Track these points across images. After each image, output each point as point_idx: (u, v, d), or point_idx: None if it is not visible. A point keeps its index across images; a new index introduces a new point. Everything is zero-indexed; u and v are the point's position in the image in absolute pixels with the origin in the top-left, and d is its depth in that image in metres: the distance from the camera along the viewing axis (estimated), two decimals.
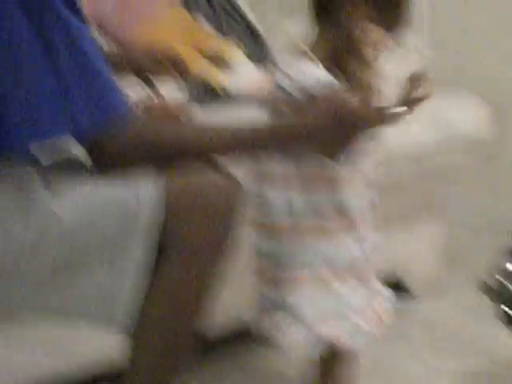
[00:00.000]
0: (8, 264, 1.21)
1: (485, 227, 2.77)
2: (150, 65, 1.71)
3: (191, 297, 1.32)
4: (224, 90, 2.63)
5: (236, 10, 2.82)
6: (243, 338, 1.91)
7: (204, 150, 1.32)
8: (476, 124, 2.24)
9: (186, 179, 1.29)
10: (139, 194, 1.25)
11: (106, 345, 1.65)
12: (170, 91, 2.26)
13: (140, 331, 1.31)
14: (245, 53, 2.61)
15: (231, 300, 1.59)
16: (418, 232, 2.32)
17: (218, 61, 2.45)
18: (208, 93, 2.47)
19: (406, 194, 2.13)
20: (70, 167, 1.31)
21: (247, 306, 1.63)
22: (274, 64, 1.94)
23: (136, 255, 1.25)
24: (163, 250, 1.27)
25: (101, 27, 2.41)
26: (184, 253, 1.29)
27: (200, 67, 2.46)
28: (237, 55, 2.67)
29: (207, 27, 2.61)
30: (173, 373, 1.37)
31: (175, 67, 1.74)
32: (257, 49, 2.79)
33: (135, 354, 1.34)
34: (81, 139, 1.22)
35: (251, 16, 2.85)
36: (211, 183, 1.31)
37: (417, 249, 2.34)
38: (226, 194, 1.32)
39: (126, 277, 1.26)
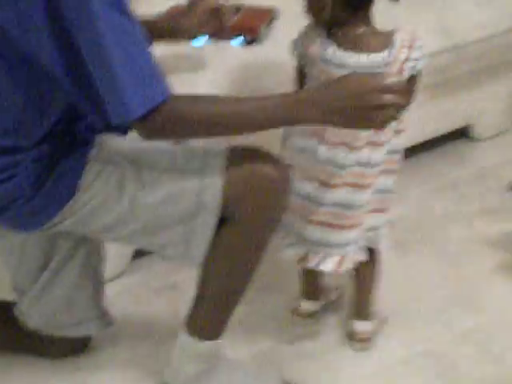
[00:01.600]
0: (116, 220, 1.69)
1: None
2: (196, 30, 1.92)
3: (244, 259, 1.74)
4: None
5: None
6: None
7: (240, 125, 1.59)
8: None
9: (243, 166, 1.65)
10: (203, 180, 1.63)
11: None
12: None
13: (205, 275, 1.77)
14: None
15: None
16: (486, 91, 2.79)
17: None
18: None
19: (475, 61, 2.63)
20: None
21: None
22: None
23: (200, 222, 1.66)
24: (226, 220, 1.67)
25: None
26: (239, 225, 1.67)
27: None
28: None
29: None
30: (228, 312, 1.81)
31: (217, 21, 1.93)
32: None
33: (200, 288, 1.79)
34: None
35: None
36: (264, 169, 1.64)
37: (484, 104, 2.83)
38: (277, 178, 1.65)
39: (194, 235, 1.68)
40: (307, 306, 2.12)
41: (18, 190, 1.63)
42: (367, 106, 1.50)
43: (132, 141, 1.73)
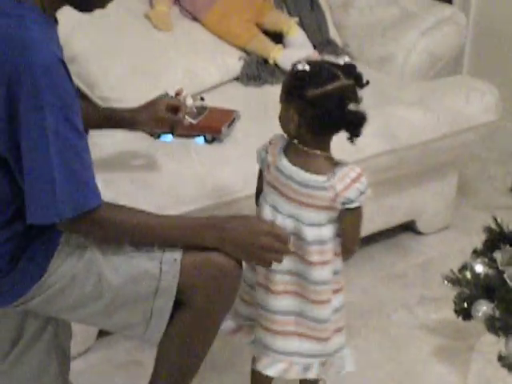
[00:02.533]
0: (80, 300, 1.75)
1: None
2: (154, 124, 2.05)
3: (196, 341, 1.81)
4: (275, 63, 2.82)
5: None
6: None
7: (155, 237, 1.74)
8: None
9: (196, 255, 1.73)
10: (162, 266, 1.71)
11: None
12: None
13: (162, 353, 1.83)
14: (301, 23, 2.90)
15: None
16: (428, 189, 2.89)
17: (276, 35, 2.82)
18: (261, 66, 2.75)
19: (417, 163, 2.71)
20: None
21: None
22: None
23: (159, 305, 1.73)
24: (180, 304, 1.74)
25: (177, 1, 2.84)
26: (193, 310, 1.75)
27: (256, 41, 2.77)
28: (294, 30, 2.85)
29: (271, 2, 2.89)
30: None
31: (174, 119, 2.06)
32: (313, 19, 3.03)
33: (157, 365, 1.86)
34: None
35: None
36: (218, 258, 1.72)
37: (426, 201, 2.92)
38: (230, 267, 1.73)
39: (153, 316, 1.74)
40: None
41: None
42: (255, 245, 1.71)
43: None
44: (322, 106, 1.71)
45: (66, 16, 1.75)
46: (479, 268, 2.05)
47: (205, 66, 2.72)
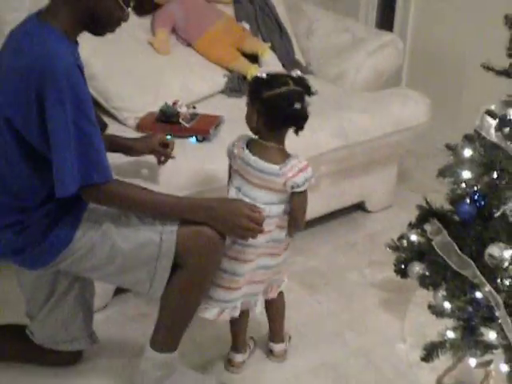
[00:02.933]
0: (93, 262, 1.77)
1: None
2: (147, 153, 2.07)
3: (191, 294, 1.81)
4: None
5: (271, 9, 3.09)
6: None
7: (151, 210, 1.75)
8: None
9: (189, 228, 1.74)
10: (162, 236, 1.73)
11: None
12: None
13: (164, 304, 1.83)
14: (273, 47, 2.95)
15: None
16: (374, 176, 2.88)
17: (253, 57, 2.85)
18: (241, 81, 2.77)
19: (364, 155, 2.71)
20: None
21: None
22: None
23: (160, 266, 1.75)
24: (177, 266, 1.76)
25: (174, 31, 2.82)
26: (187, 270, 1.76)
27: (237, 62, 2.81)
28: (267, 53, 2.90)
29: (247, 29, 2.93)
30: (180, 332, 1.88)
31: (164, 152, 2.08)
32: (282, 43, 3.04)
33: (160, 314, 1.86)
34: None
35: (282, 14, 3.14)
36: (208, 232, 1.74)
37: (373, 186, 2.90)
38: (216, 239, 1.75)
39: (155, 275, 1.76)
40: (239, 358, 2.08)
41: (30, 238, 1.71)
42: (236, 224, 1.72)
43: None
44: (273, 105, 1.74)
45: (86, 43, 1.75)
46: (413, 237, 2.05)
47: (196, 82, 2.71)
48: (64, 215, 1.75)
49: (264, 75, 1.77)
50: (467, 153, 1.87)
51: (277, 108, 1.74)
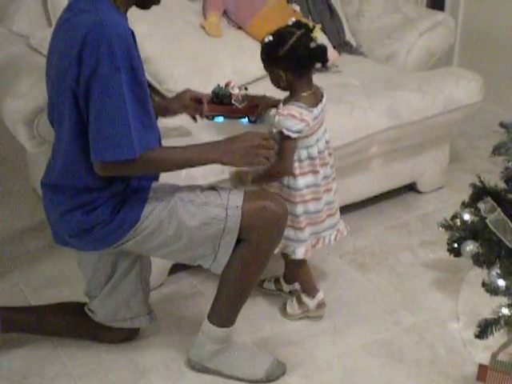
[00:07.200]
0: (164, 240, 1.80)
1: None
2: (183, 110, 2.11)
3: (252, 268, 1.84)
4: None
5: None
6: None
7: (183, 167, 1.78)
8: None
9: (254, 203, 1.78)
10: (228, 211, 1.76)
11: None
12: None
13: (224, 279, 1.86)
14: (324, 29, 2.93)
15: None
16: (426, 157, 2.87)
17: None
18: None
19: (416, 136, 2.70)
20: None
21: None
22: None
23: (225, 242, 1.79)
24: (242, 241, 1.79)
25: (225, 14, 2.85)
26: (250, 245, 1.80)
27: None
28: (318, 34, 2.85)
29: (298, 11, 2.90)
30: (239, 307, 1.91)
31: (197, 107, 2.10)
32: (332, 25, 3.05)
33: (220, 289, 1.88)
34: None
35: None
36: (271, 206, 1.78)
37: (424, 167, 2.89)
38: (279, 214, 1.80)
39: (219, 250, 1.80)
40: (321, 295, 2.20)
41: (99, 218, 1.74)
42: (248, 146, 1.74)
43: (178, 185, 1.86)
44: (294, 54, 1.88)
45: (141, 27, 1.77)
46: (466, 216, 2.04)
47: (248, 64, 2.73)
48: (131, 195, 1.77)
49: (270, 38, 1.90)
50: None
51: (298, 56, 1.88)
